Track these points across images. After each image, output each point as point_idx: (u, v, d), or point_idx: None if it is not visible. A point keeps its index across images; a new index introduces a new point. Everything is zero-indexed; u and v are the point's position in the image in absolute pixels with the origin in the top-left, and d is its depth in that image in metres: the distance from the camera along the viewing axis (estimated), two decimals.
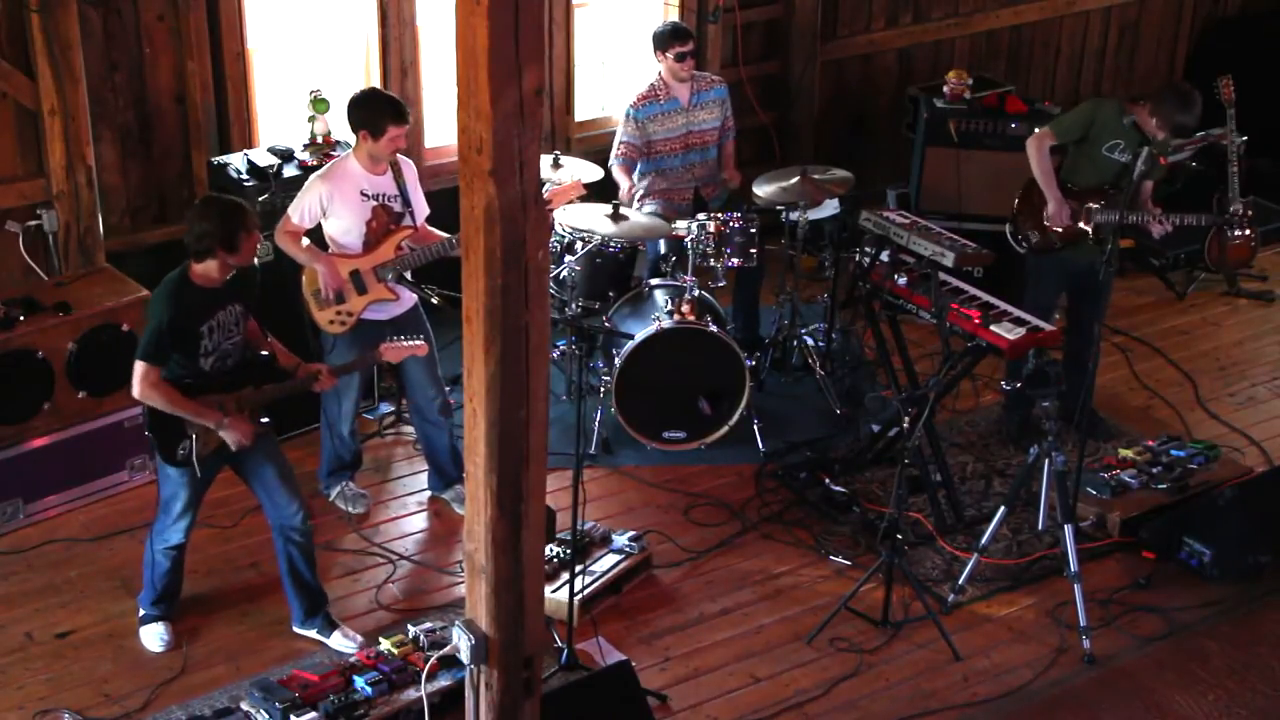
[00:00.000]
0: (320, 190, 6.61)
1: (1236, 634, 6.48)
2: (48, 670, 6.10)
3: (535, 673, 4.55)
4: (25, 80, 7.15)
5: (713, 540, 6.97)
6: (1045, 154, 7.32)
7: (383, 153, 6.58)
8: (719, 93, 8.17)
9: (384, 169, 6.65)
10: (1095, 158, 7.29)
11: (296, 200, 6.69)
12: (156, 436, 5.86)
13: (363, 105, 6.61)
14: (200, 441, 5.86)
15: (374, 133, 6.51)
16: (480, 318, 4.08)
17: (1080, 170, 7.36)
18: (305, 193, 6.66)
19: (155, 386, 5.72)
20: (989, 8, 10.08)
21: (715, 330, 7.35)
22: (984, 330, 6.80)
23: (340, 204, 6.60)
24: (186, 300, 5.74)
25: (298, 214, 6.66)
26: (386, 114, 6.51)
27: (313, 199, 6.62)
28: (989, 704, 6.08)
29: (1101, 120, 7.28)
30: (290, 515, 6.07)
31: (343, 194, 6.60)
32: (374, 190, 6.63)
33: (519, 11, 3.78)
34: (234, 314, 5.88)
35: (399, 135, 6.53)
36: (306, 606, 6.23)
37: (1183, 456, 7.31)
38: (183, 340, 5.73)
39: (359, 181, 6.62)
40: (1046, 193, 7.30)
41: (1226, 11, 11.10)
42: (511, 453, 4.21)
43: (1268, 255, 9.54)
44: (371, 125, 6.51)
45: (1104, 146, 7.26)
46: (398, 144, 6.57)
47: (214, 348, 5.82)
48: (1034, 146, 7.35)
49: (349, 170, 6.64)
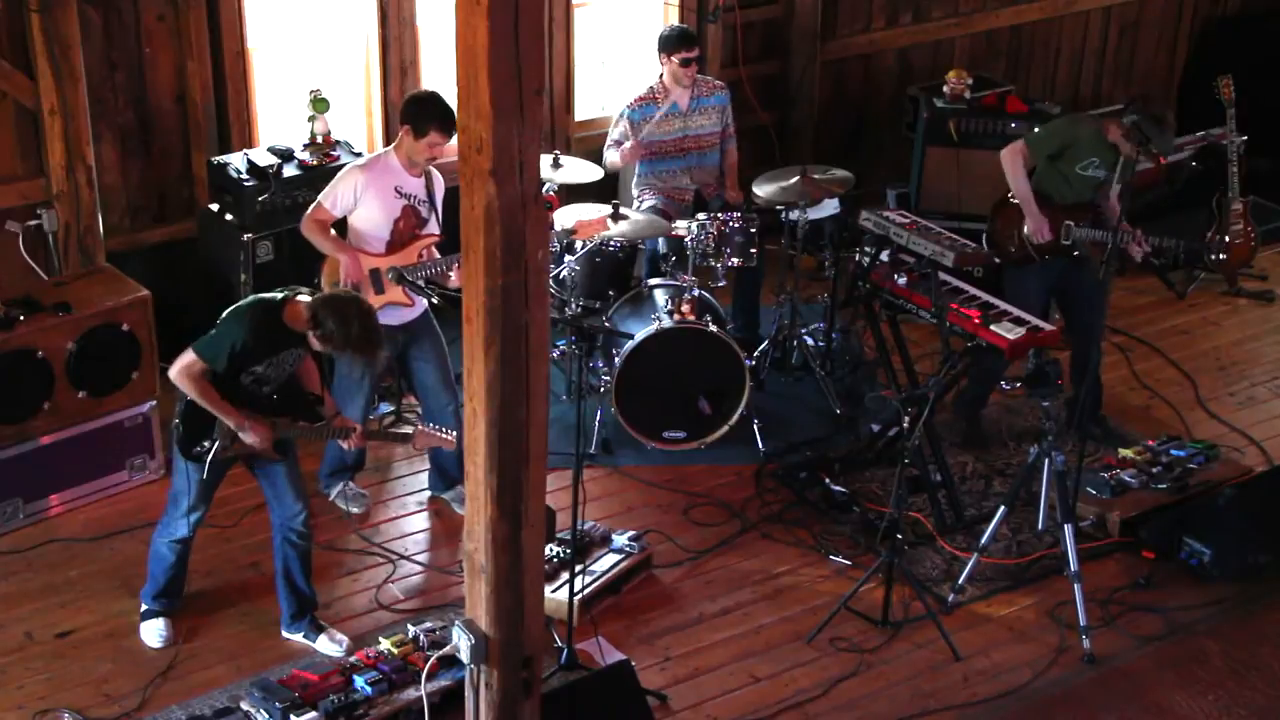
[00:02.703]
0: (358, 179, 6.59)
1: (1236, 634, 6.48)
2: (47, 670, 6.10)
3: (535, 672, 4.55)
4: (25, 80, 7.16)
5: (713, 540, 6.97)
6: (1022, 168, 7.30)
7: (420, 155, 6.57)
8: (719, 99, 8.16)
9: (419, 172, 6.64)
10: (1069, 175, 7.30)
11: (330, 187, 6.64)
12: (185, 427, 5.88)
13: (418, 103, 6.61)
14: (220, 447, 5.88)
15: (416, 131, 6.50)
16: (480, 318, 4.08)
17: (1055, 186, 7.33)
18: (340, 180, 6.62)
19: (195, 379, 5.73)
20: (989, 8, 10.07)
21: (715, 330, 7.35)
22: (984, 330, 6.80)
23: (374, 196, 6.58)
24: (268, 334, 5.75)
25: (330, 200, 6.61)
26: (435, 118, 6.48)
27: (347, 187, 6.59)
28: (989, 704, 6.08)
29: (1077, 138, 7.28)
30: (293, 517, 6.08)
31: (378, 186, 6.58)
32: (408, 190, 6.63)
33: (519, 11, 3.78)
34: (295, 355, 5.89)
35: (439, 143, 6.52)
36: (294, 610, 6.24)
37: (1183, 456, 7.31)
38: (240, 362, 5.76)
39: (396, 177, 6.61)
40: (1026, 210, 7.29)
41: (1226, 11, 11.09)
42: (511, 453, 4.21)
43: (1268, 255, 9.53)
44: (416, 122, 6.50)
45: (1079, 165, 7.26)
46: (435, 151, 6.56)
47: (261, 376, 5.84)
48: (1010, 161, 7.31)
49: (389, 164, 6.63)
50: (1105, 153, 7.24)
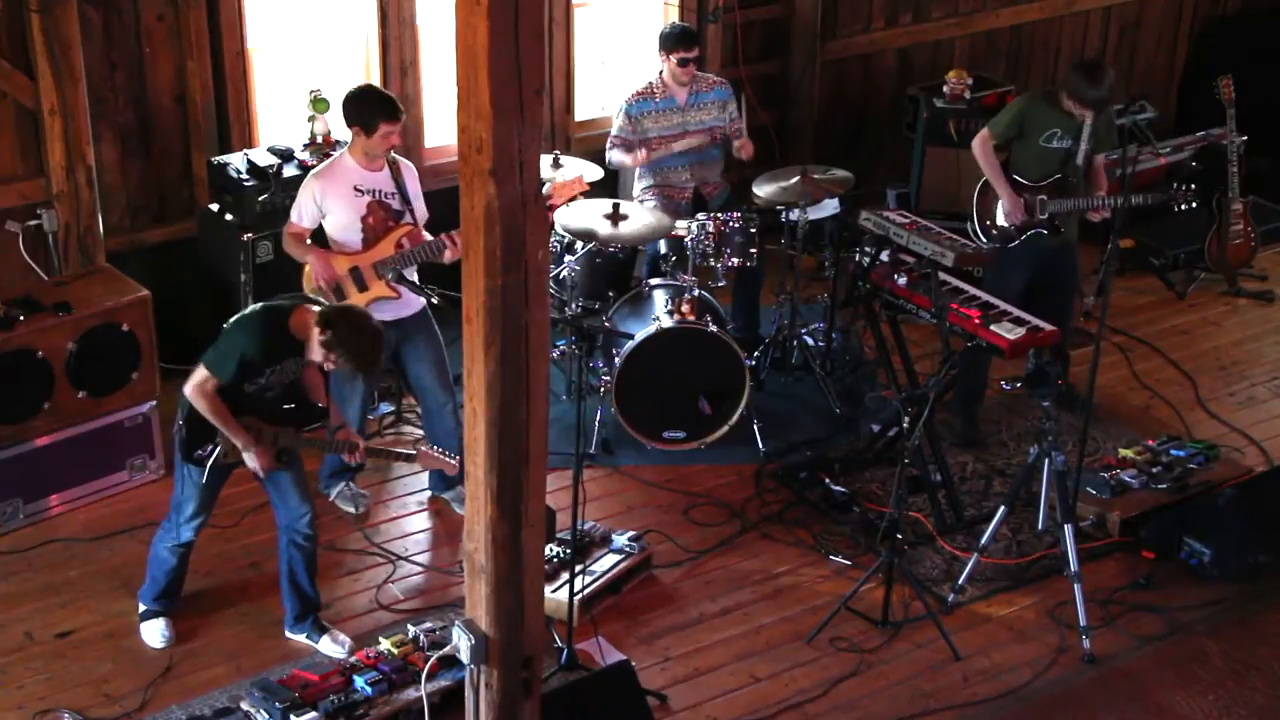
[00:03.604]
0: (313, 187, 6.64)
1: (1236, 634, 6.48)
2: (48, 670, 6.10)
3: (535, 673, 4.55)
4: (25, 80, 7.15)
5: (713, 540, 6.97)
6: (990, 152, 7.48)
7: (376, 149, 6.59)
8: (719, 94, 8.16)
9: (380, 165, 6.65)
10: (1035, 150, 7.43)
11: (296, 201, 6.71)
12: (189, 431, 5.88)
13: (356, 102, 6.64)
14: (223, 452, 5.89)
15: (366, 129, 6.54)
16: (480, 318, 4.08)
17: (1025, 164, 7.49)
18: (301, 192, 6.70)
19: (208, 395, 5.77)
20: (989, 8, 10.08)
21: (715, 330, 7.35)
22: (984, 330, 6.81)
23: (334, 200, 6.62)
24: (275, 342, 5.77)
25: (296, 214, 6.69)
26: (379, 111, 6.53)
27: (307, 197, 6.65)
28: (989, 704, 6.08)
29: (1033, 114, 7.44)
30: (297, 518, 6.08)
31: (335, 190, 6.62)
32: (368, 186, 6.64)
33: (519, 11, 3.78)
34: (298, 364, 5.89)
35: (392, 132, 6.55)
36: (298, 611, 6.23)
37: (1183, 456, 7.31)
38: (246, 371, 5.76)
39: (352, 177, 6.63)
40: (998, 189, 7.46)
41: (1226, 11, 11.10)
42: (511, 453, 4.21)
43: (1268, 255, 9.54)
44: (364, 122, 6.54)
45: (1041, 138, 7.40)
46: (391, 141, 6.59)
47: (265, 384, 5.84)
48: (978, 147, 7.52)
49: (343, 166, 6.66)
50: (1064, 121, 7.38)
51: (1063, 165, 7.41)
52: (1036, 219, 7.39)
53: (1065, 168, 7.41)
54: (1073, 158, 7.39)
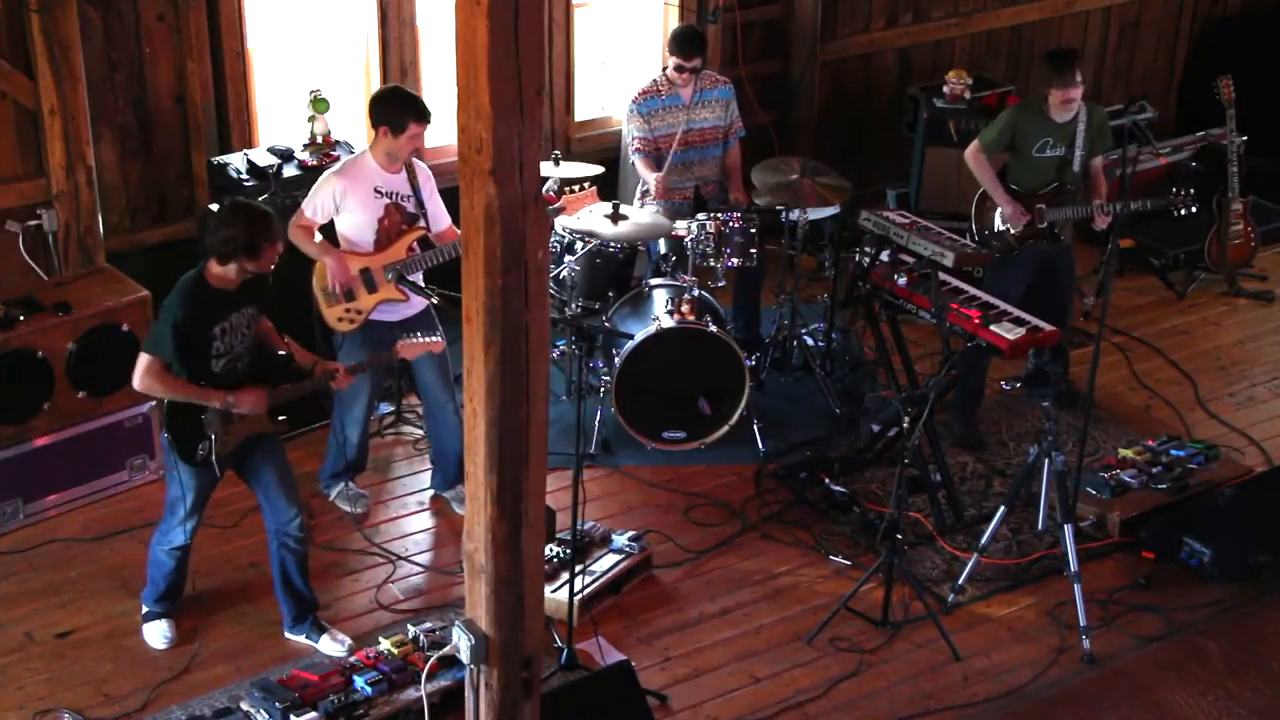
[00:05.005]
0: (335, 185, 6.62)
1: (1236, 634, 6.48)
2: (48, 670, 6.10)
3: (535, 673, 4.54)
4: (25, 80, 7.15)
5: (713, 540, 6.97)
6: (984, 163, 7.49)
7: (401, 151, 6.59)
8: (723, 92, 8.17)
9: (399, 168, 6.65)
10: (1030, 161, 7.45)
11: (310, 195, 6.69)
12: (175, 437, 5.86)
13: (386, 101, 6.66)
14: (219, 441, 5.86)
15: (395, 129, 6.52)
16: (480, 318, 4.08)
17: (1022, 175, 7.49)
18: (319, 187, 6.67)
19: (157, 377, 5.74)
20: (989, 8, 10.08)
21: (715, 330, 7.35)
22: (984, 330, 6.81)
23: (354, 200, 6.61)
24: (201, 301, 5.75)
25: (311, 209, 6.66)
26: (409, 111, 6.54)
27: (326, 194, 6.63)
28: (989, 704, 6.08)
29: (1022, 126, 7.44)
30: (286, 521, 6.07)
31: (356, 190, 6.60)
32: (388, 188, 6.64)
33: (519, 11, 3.78)
34: (247, 316, 5.88)
35: (419, 133, 6.57)
36: (296, 612, 6.23)
37: (1183, 456, 7.31)
38: (195, 341, 5.73)
39: (374, 178, 6.63)
40: (996, 198, 7.46)
41: (1226, 11, 11.10)
42: (511, 453, 4.20)
43: (1268, 255, 9.54)
44: (393, 121, 6.53)
45: (1034, 149, 7.41)
46: (417, 142, 6.60)
47: (226, 350, 5.82)
48: (971, 158, 7.54)
49: (365, 166, 6.65)
50: (1054, 130, 7.39)
51: (1060, 173, 7.41)
52: (1038, 227, 7.39)
53: (1063, 175, 7.41)
54: (1069, 165, 7.39)
